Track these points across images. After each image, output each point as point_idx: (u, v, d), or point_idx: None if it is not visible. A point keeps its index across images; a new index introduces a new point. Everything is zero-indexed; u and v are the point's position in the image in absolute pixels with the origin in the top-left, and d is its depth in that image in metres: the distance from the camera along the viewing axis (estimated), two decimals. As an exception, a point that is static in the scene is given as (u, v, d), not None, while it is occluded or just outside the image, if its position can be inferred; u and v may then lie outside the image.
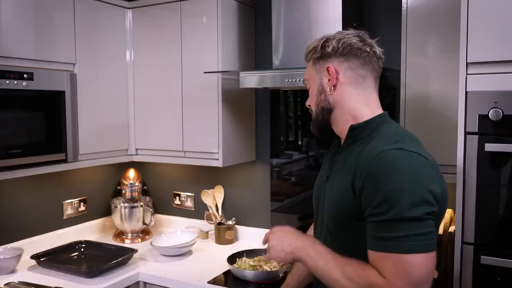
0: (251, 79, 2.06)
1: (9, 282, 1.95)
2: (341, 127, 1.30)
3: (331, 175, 1.32)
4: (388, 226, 1.06)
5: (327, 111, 1.30)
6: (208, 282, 2.02)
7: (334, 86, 1.28)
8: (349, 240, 1.21)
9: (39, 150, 2.00)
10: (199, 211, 2.72)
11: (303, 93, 2.40)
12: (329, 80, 1.28)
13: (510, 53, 1.44)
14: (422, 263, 1.04)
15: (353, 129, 1.27)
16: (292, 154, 2.50)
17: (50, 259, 2.19)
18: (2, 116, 1.87)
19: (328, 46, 1.27)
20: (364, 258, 1.14)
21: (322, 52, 1.29)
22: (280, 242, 1.28)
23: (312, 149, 2.47)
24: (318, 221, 1.40)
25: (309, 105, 1.38)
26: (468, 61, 1.51)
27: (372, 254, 1.11)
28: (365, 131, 1.25)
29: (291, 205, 2.51)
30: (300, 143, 2.50)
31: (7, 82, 1.87)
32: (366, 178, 1.11)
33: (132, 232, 2.60)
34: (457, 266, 1.53)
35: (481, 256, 1.48)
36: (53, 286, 1.92)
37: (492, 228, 1.48)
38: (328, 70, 1.28)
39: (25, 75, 1.93)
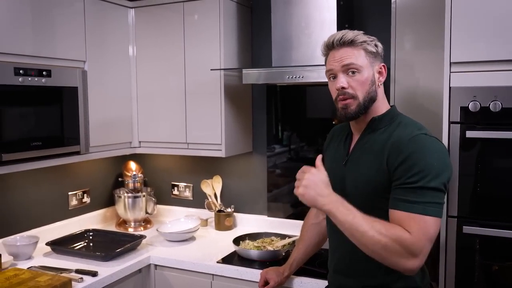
0: (253, 76, 2.25)
1: (31, 266, 2.07)
2: (368, 117, 1.53)
3: (351, 160, 1.55)
4: (418, 192, 1.34)
5: (372, 101, 1.51)
6: (217, 262, 2.20)
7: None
8: (375, 210, 1.43)
9: (56, 142, 2.13)
10: (197, 200, 2.89)
11: (299, 88, 2.62)
12: (380, 77, 1.52)
13: (486, 55, 1.68)
14: (436, 224, 1.36)
15: (374, 120, 1.52)
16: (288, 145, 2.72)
17: (65, 246, 2.31)
18: (25, 110, 1.99)
19: (378, 47, 1.51)
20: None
21: (377, 50, 1.51)
22: (313, 186, 1.39)
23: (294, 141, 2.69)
24: None
25: (347, 87, 1.48)
26: (451, 61, 1.74)
27: (397, 213, 1.36)
28: (383, 121, 1.52)
29: (284, 193, 2.72)
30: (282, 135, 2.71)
31: (29, 79, 1.98)
32: (405, 155, 1.38)
33: (135, 221, 2.74)
34: (443, 236, 1.77)
35: (463, 226, 1.72)
36: (73, 269, 2.06)
37: (472, 203, 1.73)
38: (382, 69, 1.53)
39: (44, 72, 2.05)
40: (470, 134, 1.71)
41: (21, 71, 1.95)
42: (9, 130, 1.92)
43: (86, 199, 2.75)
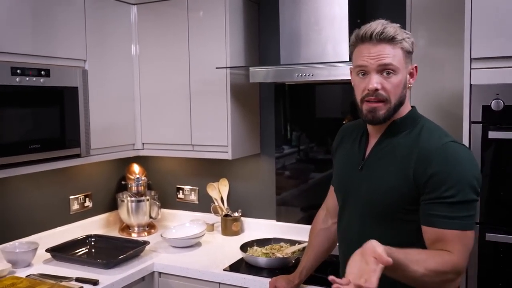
0: (261, 74, 2.16)
1: (30, 274, 1.99)
2: (389, 121, 1.39)
3: (368, 165, 1.43)
4: (455, 207, 1.25)
5: (400, 105, 1.38)
6: (224, 270, 2.10)
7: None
8: (397, 222, 1.34)
9: (56, 145, 2.04)
10: (203, 204, 2.80)
11: (308, 87, 2.52)
12: (411, 79, 1.40)
13: (509, 50, 1.58)
14: (473, 237, 1.30)
15: (395, 123, 1.40)
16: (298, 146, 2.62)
17: (66, 252, 2.23)
18: (22, 112, 1.91)
19: (413, 44, 1.37)
20: (409, 236, 1.32)
21: (412, 49, 1.37)
22: (357, 271, 1.11)
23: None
24: (347, 209, 1.50)
25: (380, 89, 1.33)
26: (472, 57, 1.64)
27: (435, 231, 1.27)
28: (404, 124, 1.40)
29: (294, 196, 2.61)
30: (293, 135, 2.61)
31: (27, 79, 1.90)
32: (436, 167, 1.27)
33: (139, 226, 2.65)
34: (464, 244, 1.67)
35: (486, 234, 1.62)
36: (73, 277, 1.97)
37: (495, 208, 1.62)
38: (414, 70, 1.40)
39: (42, 72, 1.97)
40: (492, 134, 1.61)
41: (18, 71, 1.87)
42: (5, 132, 1.83)
43: (88, 203, 2.66)
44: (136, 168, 2.73)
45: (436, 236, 1.28)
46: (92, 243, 2.43)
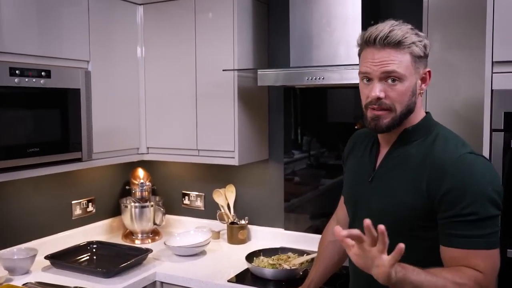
0: (270, 77, 2.07)
1: (27, 283, 1.92)
2: (400, 128, 1.30)
3: (378, 176, 1.34)
4: (477, 225, 1.16)
5: (409, 113, 1.28)
6: (228, 281, 2.01)
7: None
8: (411, 239, 1.24)
9: (56, 148, 1.97)
10: (209, 211, 2.71)
11: (319, 91, 2.42)
12: (423, 84, 1.29)
13: (535, 52, 1.48)
14: (498, 255, 1.21)
15: (407, 131, 1.30)
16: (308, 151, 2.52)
17: (65, 260, 2.16)
18: (21, 114, 1.84)
19: (426, 48, 1.26)
20: (424, 255, 1.22)
21: (424, 53, 1.26)
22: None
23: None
24: (357, 223, 1.38)
25: (384, 97, 1.24)
26: (494, 60, 1.54)
27: (457, 252, 1.18)
28: (417, 132, 1.30)
29: (303, 203, 2.52)
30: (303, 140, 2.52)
31: (26, 80, 1.84)
32: (453, 181, 1.18)
33: (142, 233, 2.57)
34: (485, 260, 1.56)
35: (508, 250, 1.51)
36: (72, 286, 1.90)
37: (518, 223, 1.52)
38: (427, 75, 1.30)
39: (43, 73, 1.90)
40: (516, 143, 1.50)
41: (17, 72, 1.81)
42: (3, 135, 1.77)
43: (91, 209, 2.59)
44: (140, 172, 2.66)
45: (458, 257, 1.18)
46: (94, 250, 2.35)
